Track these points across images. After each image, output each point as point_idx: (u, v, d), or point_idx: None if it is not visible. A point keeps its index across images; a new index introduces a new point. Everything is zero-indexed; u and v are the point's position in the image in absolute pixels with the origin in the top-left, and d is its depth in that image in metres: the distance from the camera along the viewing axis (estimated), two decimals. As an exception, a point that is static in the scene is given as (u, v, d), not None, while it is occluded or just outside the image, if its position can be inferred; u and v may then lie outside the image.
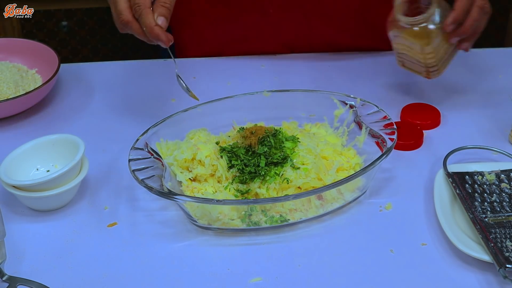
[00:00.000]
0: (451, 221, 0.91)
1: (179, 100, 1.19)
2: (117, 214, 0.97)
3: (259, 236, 0.93)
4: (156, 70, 1.30)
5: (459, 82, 1.23)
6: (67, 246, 0.92)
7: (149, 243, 0.92)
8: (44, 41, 1.30)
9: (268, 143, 0.96)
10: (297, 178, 0.93)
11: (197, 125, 1.04)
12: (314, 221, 0.94)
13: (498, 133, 1.10)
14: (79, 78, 1.27)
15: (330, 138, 1.02)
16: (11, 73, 1.21)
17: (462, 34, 1.05)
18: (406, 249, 0.90)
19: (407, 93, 1.20)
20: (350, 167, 0.99)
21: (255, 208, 0.91)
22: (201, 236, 0.93)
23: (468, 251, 0.86)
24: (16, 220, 0.96)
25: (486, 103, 1.18)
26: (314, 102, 1.07)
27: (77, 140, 0.99)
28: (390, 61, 1.29)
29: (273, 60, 1.31)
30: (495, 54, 1.33)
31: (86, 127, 1.14)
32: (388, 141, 0.96)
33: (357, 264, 0.88)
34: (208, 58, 1.31)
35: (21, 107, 1.16)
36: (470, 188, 0.95)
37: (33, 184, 0.93)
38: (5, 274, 0.86)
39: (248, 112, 1.06)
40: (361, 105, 1.04)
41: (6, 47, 1.28)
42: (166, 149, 1.00)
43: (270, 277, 0.87)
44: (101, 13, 2.23)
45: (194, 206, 0.91)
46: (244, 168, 0.94)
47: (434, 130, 1.12)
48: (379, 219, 0.95)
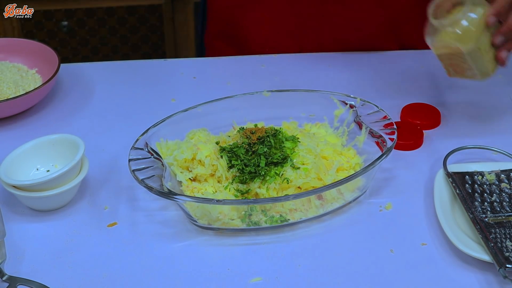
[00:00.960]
0: (451, 221, 0.91)
1: (179, 100, 1.19)
2: (117, 214, 0.97)
3: (259, 236, 0.93)
4: (156, 70, 1.30)
5: (459, 82, 1.23)
6: (67, 246, 0.92)
7: (149, 243, 0.92)
8: (44, 41, 1.30)
9: (268, 143, 0.96)
10: (297, 178, 0.93)
11: (197, 125, 1.04)
12: (314, 221, 0.94)
13: (498, 133, 1.10)
14: (79, 78, 1.27)
15: (330, 138, 1.02)
16: (11, 73, 1.21)
17: (506, 31, 0.99)
18: (406, 249, 0.90)
19: (407, 93, 1.20)
20: (350, 167, 0.99)
21: (255, 208, 0.91)
22: (201, 236, 0.93)
23: (468, 251, 0.86)
24: (16, 220, 0.96)
25: (486, 103, 1.18)
26: (314, 102, 1.07)
27: (77, 140, 0.99)
28: (390, 61, 1.29)
29: (273, 60, 1.31)
30: (495, 54, 1.33)
31: (86, 127, 1.14)
32: (388, 141, 0.96)
33: (357, 264, 0.88)
34: (208, 58, 1.32)
35: (21, 107, 1.16)
36: (470, 188, 0.95)
37: (33, 184, 0.93)
38: (5, 274, 0.86)
39: (248, 112, 1.06)
40: (361, 105, 1.04)
41: (6, 47, 1.28)
42: (166, 149, 1.00)
43: (270, 277, 0.87)
44: (101, 13, 2.23)
45: (194, 206, 0.91)
46: (244, 168, 0.94)
47: (434, 130, 1.12)
48: (379, 219, 0.95)
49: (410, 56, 1.31)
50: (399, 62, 1.29)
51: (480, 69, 1.02)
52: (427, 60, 1.29)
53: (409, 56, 1.31)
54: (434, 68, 1.27)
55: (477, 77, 1.04)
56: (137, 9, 2.23)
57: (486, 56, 1.01)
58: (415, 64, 1.28)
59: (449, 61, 1.04)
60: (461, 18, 0.99)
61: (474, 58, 1.00)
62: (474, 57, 1.00)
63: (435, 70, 1.26)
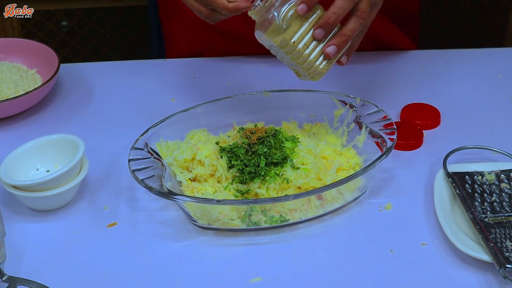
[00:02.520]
0: (451, 221, 0.91)
1: (179, 100, 1.19)
2: (117, 214, 0.97)
3: (259, 236, 0.93)
4: (156, 70, 1.30)
5: (459, 82, 1.23)
6: (67, 246, 0.92)
7: (149, 243, 0.92)
8: (44, 41, 1.30)
9: (268, 143, 0.96)
10: (297, 178, 0.93)
11: (197, 125, 1.04)
12: (314, 221, 0.94)
13: (498, 133, 1.10)
14: (79, 78, 1.27)
15: (330, 138, 1.02)
16: (11, 73, 1.21)
17: (324, 24, 0.92)
18: (406, 249, 0.90)
19: (407, 93, 1.20)
20: (350, 167, 0.99)
21: (255, 208, 0.91)
22: (201, 236, 0.93)
23: (468, 251, 0.86)
24: (16, 220, 0.96)
25: (486, 103, 1.18)
26: (314, 102, 1.07)
27: (77, 140, 0.99)
28: (390, 60, 1.29)
29: (273, 60, 1.31)
30: (495, 54, 1.33)
31: (86, 127, 1.14)
32: (388, 141, 0.96)
33: (357, 264, 0.88)
34: (208, 58, 1.31)
35: (21, 107, 1.16)
36: (470, 188, 0.95)
37: (33, 184, 0.93)
38: (5, 274, 0.86)
39: (248, 112, 1.06)
40: (361, 105, 1.04)
41: (6, 47, 1.28)
42: (166, 149, 1.00)
43: (270, 277, 0.87)
44: (101, 13, 2.23)
45: (194, 206, 0.91)
46: (244, 168, 0.94)
47: (434, 130, 1.12)
48: (379, 219, 0.95)
49: (410, 56, 1.31)
50: (399, 62, 1.29)
51: (306, 66, 0.95)
52: (427, 60, 1.29)
53: (409, 56, 1.31)
54: (434, 68, 1.27)
55: (307, 77, 0.97)
56: (137, 9, 2.23)
57: (308, 51, 0.94)
58: (415, 64, 1.28)
59: (281, 58, 0.97)
60: (265, 8, 0.92)
61: (290, 52, 0.94)
62: (290, 51, 0.93)
63: (435, 70, 1.26)
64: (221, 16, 0.97)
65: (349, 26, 0.94)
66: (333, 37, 0.94)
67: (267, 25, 0.93)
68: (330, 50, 0.94)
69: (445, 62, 1.28)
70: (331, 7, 0.92)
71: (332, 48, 0.94)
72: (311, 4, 0.92)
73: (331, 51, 0.94)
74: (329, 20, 0.92)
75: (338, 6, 0.92)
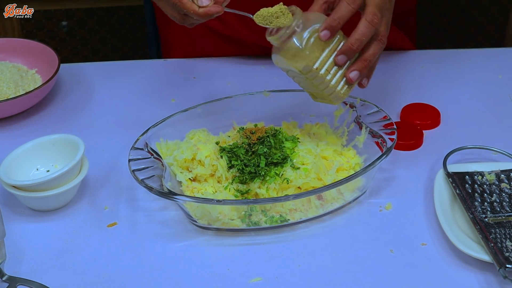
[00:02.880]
0: (451, 221, 0.91)
1: (179, 100, 1.19)
2: (117, 214, 0.97)
3: (259, 236, 0.93)
4: (156, 70, 1.30)
5: (459, 82, 1.23)
6: (67, 246, 0.92)
7: (149, 243, 0.92)
8: (44, 41, 1.30)
9: (268, 143, 0.96)
10: (297, 178, 0.93)
11: (197, 125, 1.04)
12: (314, 221, 0.94)
13: (498, 133, 1.10)
14: (79, 78, 1.27)
15: (330, 138, 1.02)
16: (11, 73, 1.21)
17: (347, 50, 0.92)
18: (406, 249, 0.90)
19: (407, 93, 1.20)
20: (350, 167, 0.99)
21: (255, 208, 0.91)
22: (201, 236, 0.93)
23: (468, 251, 0.86)
24: (16, 220, 0.96)
25: (486, 103, 1.18)
26: (314, 102, 1.07)
27: (77, 140, 0.99)
28: (390, 60, 1.29)
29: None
30: (495, 54, 1.33)
31: (86, 127, 1.14)
32: (388, 141, 0.96)
33: (357, 264, 0.88)
34: (208, 58, 1.31)
35: (21, 107, 1.16)
36: (470, 188, 0.95)
37: (33, 184, 0.93)
38: (5, 274, 0.86)
39: (248, 112, 1.06)
40: (361, 105, 1.04)
41: (6, 47, 1.28)
42: (166, 149, 1.00)
43: (270, 277, 0.87)
44: (101, 13, 2.23)
45: (194, 206, 0.91)
46: (244, 168, 0.94)
47: (434, 130, 1.12)
48: (379, 219, 0.95)
49: (410, 56, 1.31)
50: (399, 62, 1.29)
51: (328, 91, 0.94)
52: (427, 60, 1.29)
53: (409, 56, 1.31)
54: (434, 68, 1.27)
55: (325, 100, 0.97)
56: (137, 9, 2.23)
57: (330, 76, 0.93)
58: (415, 64, 1.28)
59: (298, 82, 0.97)
60: (286, 34, 0.91)
61: (313, 78, 0.93)
62: (312, 77, 0.93)
63: (435, 70, 1.26)
64: (194, 20, 0.97)
65: (370, 51, 0.94)
66: (355, 62, 0.94)
67: (287, 50, 0.92)
68: (353, 75, 0.94)
69: (445, 62, 1.28)
70: (354, 33, 0.92)
71: (355, 73, 0.94)
72: (334, 30, 0.92)
73: (353, 76, 0.94)
74: (353, 47, 0.92)
75: (360, 32, 0.92)
